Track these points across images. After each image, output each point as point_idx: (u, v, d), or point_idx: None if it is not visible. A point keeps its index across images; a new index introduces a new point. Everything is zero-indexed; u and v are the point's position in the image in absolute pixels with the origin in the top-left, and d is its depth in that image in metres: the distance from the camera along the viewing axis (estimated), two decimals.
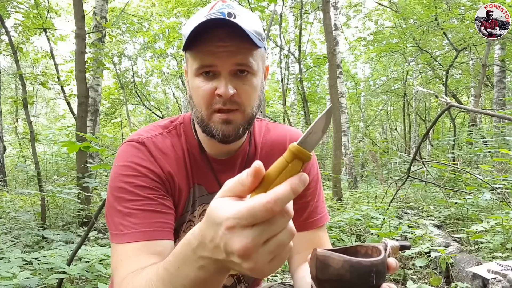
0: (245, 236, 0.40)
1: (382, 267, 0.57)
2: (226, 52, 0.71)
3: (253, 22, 0.74)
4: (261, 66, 0.78)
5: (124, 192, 0.75)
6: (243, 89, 0.75)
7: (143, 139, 0.81)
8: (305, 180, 0.41)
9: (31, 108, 8.34)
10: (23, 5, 4.73)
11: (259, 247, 0.41)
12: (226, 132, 0.76)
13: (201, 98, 0.76)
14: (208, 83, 0.74)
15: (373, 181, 10.11)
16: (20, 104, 3.90)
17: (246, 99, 0.76)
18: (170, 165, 0.81)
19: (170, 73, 13.66)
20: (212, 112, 0.76)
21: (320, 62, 12.63)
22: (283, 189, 0.40)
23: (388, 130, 19.42)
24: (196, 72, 0.75)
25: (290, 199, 0.40)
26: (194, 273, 0.49)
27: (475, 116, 8.68)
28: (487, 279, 1.67)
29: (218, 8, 0.73)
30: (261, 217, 0.40)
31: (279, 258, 0.43)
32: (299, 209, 0.91)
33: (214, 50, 0.71)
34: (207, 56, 0.72)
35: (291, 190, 0.40)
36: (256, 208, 0.39)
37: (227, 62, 0.72)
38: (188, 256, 0.49)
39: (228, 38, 0.71)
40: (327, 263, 0.56)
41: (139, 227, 0.72)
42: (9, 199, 5.06)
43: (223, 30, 0.70)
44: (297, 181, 0.40)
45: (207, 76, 0.74)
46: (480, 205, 3.55)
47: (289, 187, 0.40)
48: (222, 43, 0.71)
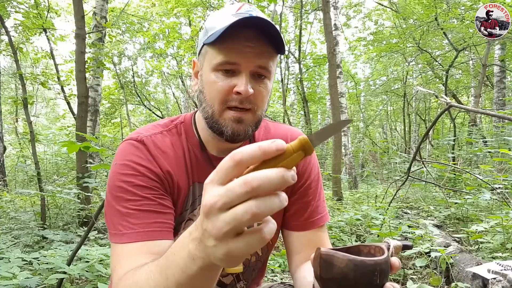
0: (211, 193, 0.40)
1: (385, 266, 0.57)
2: (252, 52, 0.73)
3: (275, 28, 0.76)
4: (274, 71, 0.80)
5: (123, 192, 0.74)
6: (259, 91, 0.76)
7: (142, 138, 0.81)
8: (278, 145, 0.38)
9: (31, 108, 8.34)
10: (23, 5, 4.73)
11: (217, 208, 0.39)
12: (237, 130, 0.76)
13: (216, 93, 0.75)
14: (227, 80, 0.75)
15: (373, 181, 10.11)
16: (20, 104, 3.89)
17: (260, 101, 0.77)
18: (169, 164, 0.81)
19: (170, 73, 13.64)
20: (225, 108, 0.76)
21: (320, 62, 12.62)
22: (250, 147, 0.39)
23: (388, 130, 19.42)
24: (216, 67, 0.75)
25: (255, 156, 0.38)
26: (183, 260, 0.48)
27: (475, 116, 8.68)
28: (487, 279, 1.67)
29: (246, 9, 0.75)
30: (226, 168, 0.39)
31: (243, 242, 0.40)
32: (300, 209, 0.91)
33: (242, 49, 0.72)
34: (234, 54, 0.73)
35: (258, 149, 0.38)
36: (222, 163, 0.40)
37: (251, 62, 0.73)
38: (184, 238, 0.49)
39: (255, 40, 0.72)
40: (331, 262, 0.57)
41: (138, 228, 0.72)
42: (9, 199, 5.06)
43: (251, 31, 0.72)
44: (268, 142, 0.39)
45: (226, 73, 0.75)
46: (480, 205, 3.55)
47: (257, 146, 0.38)
48: (250, 43, 0.72)
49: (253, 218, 0.38)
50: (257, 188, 0.37)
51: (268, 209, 0.38)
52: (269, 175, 0.37)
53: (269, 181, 0.37)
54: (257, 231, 0.40)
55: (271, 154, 0.38)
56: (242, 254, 0.41)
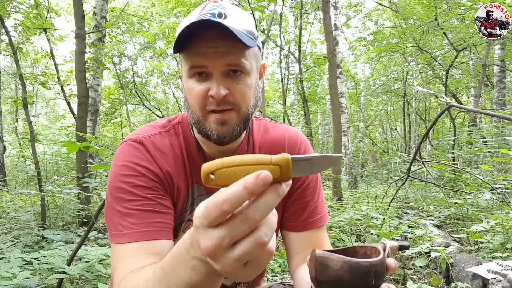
0: (208, 236, 0.39)
1: (381, 267, 0.57)
2: (217, 53, 0.71)
3: (245, 21, 0.74)
4: (254, 65, 0.78)
5: (123, 192, 0.75)
6: (237, 89, 0.74)
7: (142, 139, 0.81)
8: (264, 180, 0.37)
9: (31, 108, 8.33)
10: (23, 5, 4.73)
11: (222, 249, 0.39)
12: (222, 133, 0.76)
13: (195, 99, 0.76)
14: (201, 85, 0.74)
15: (373, 181, 10.11)
16: (20, 104, 3.89)
17: (240, 98, 0.75)
18: (168, 165, 0.81)
19: (170, 73, 13.66)
20: (207, 113, 0.76)
21: (320, 62, 12.62)
22: (235, 188, 0.37)
23: (388, 130, 19.41)
24: (189, 73, 0.75)
25: (242, 199, 0.37)
26: (187, 274, 0.49)
27: (475, 116, 8.67)
28: (487, 279, 1.67)
29: (208, 8, 0.73)
30: (215, 217, 0.38)
31: (254, 265, 0.41)
32: (298, 209, 0.91)
33: (204, 51, 0.71)
34: (198, 57, 0.72)
35: (245, 190, 0.36)
36: (209, 207, 0.38)
37: (218, 63, 0.72)
38: (182, 255, 0.49)
39: (219, 39, 0.71)
40: (326, 264, 0.57)
41: (138, 228, 0.72)
42: (9, 199, 5.06)
43: (213, 31, 0.70)
44: (253, 180, 0.37)
45: (200, 78, 0.75)
46: (480, 205, 3.55)
47: (242, 187, 0.37)
48: (212, 44, 0.71)
49: (261, 246, 0.38)
50: (259, 219, 0.38)
51: (272, 230, 0.39)
52: (267, 203, 0.38)
53: (269, 208, 0.38)
54: (265, 255, 0.41)
55: (259, 191, 0.37)
56: (253, 274, 0.42)
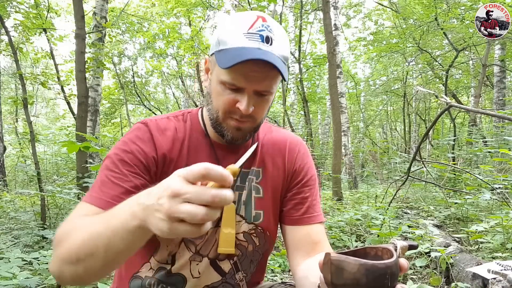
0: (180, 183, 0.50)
1: (396, 268, 0.57)
2: (258, 77, 0.77)
3: (285, 47, 0.80)
4: (276, 87, 0.84)
5: (110, 162, 0.82)
6: (260, 107, 0.83)
7: (147, 120, 0.89)
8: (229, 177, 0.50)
9: (31, 108, 8.34)
10: (23, 5, 4.72)
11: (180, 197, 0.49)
12: (236, 136, 0.85)
13: (221, 104, 0.81)
14: (232, 95, 0.80)
15: (373, 181, 10.12)
16: (20, 104, 3.89)
17: (261, 113, 0.84)
18: (166, 144, 0.86)
19: (170, 73, 13.64)
20: (228, 117, 0.83)
21: (320, 62, 12.61)
22: (215, 166, 0.50)
23: (388, 130, 19.40)
24: (223, 82, 0.80)
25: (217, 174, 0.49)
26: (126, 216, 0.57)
27: (475, 116, 8.67)
28: (487, 279, 1.67)
29: (258, 28, 0.77)
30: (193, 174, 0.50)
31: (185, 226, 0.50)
32: (297, 204, 0.95)
33: (248, 74, 0.77)
34: (240, 78, 0.77)
35: (220, 173, 0.50)
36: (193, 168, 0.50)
37: (254, 85, 0.78)
38: (132, 200, 0.58)
39: (262, 66, 0.76)
40: (342, 267, 0.56)
41: (104, 196, 0.78)
42: (9, 199, 5.06)
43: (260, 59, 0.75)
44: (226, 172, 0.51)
45: (231, 88, 0.80)
46: (480, 205, 3.55)
47: (220, 170, 0.50)
48: (256, 68, 0.76)
49: (201, 220, 0.49)
50: (217, 202, 0.49)
51: (212, 218, 0.50)
52: (228, 196, 0.49)
53: (225, 200, 0.49)
54: (197, 226, 0.50)
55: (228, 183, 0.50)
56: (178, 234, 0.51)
